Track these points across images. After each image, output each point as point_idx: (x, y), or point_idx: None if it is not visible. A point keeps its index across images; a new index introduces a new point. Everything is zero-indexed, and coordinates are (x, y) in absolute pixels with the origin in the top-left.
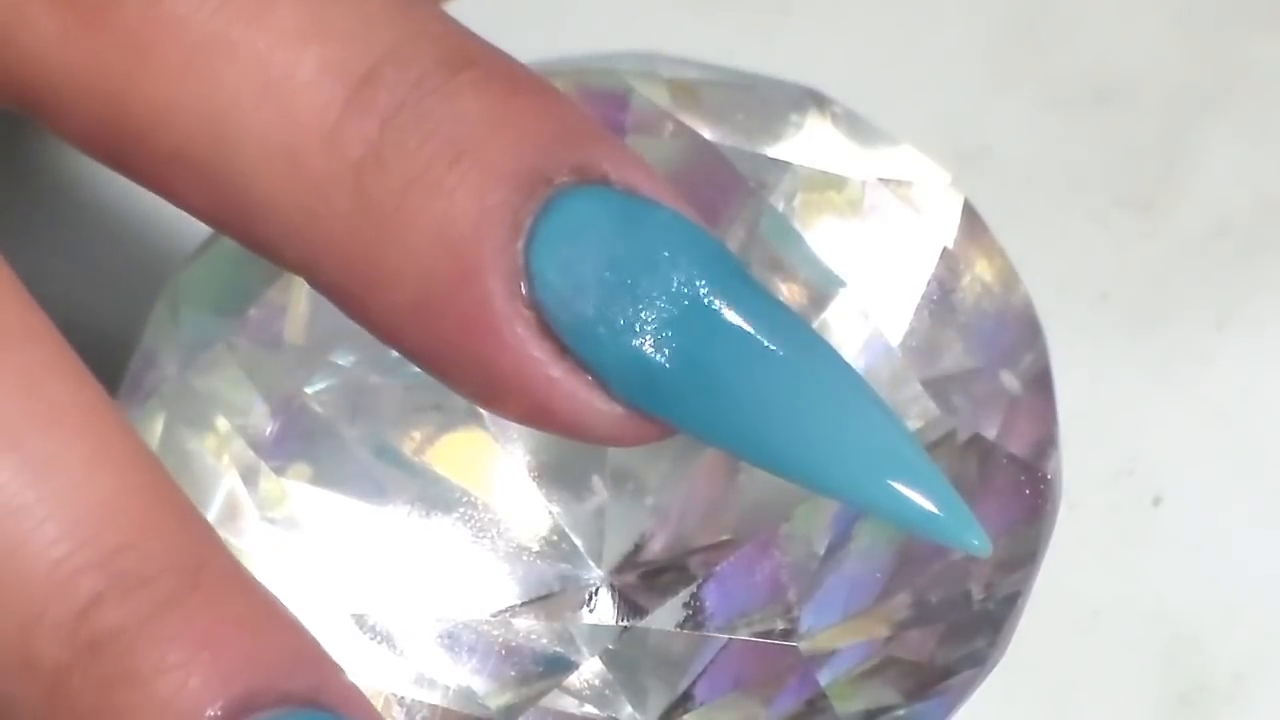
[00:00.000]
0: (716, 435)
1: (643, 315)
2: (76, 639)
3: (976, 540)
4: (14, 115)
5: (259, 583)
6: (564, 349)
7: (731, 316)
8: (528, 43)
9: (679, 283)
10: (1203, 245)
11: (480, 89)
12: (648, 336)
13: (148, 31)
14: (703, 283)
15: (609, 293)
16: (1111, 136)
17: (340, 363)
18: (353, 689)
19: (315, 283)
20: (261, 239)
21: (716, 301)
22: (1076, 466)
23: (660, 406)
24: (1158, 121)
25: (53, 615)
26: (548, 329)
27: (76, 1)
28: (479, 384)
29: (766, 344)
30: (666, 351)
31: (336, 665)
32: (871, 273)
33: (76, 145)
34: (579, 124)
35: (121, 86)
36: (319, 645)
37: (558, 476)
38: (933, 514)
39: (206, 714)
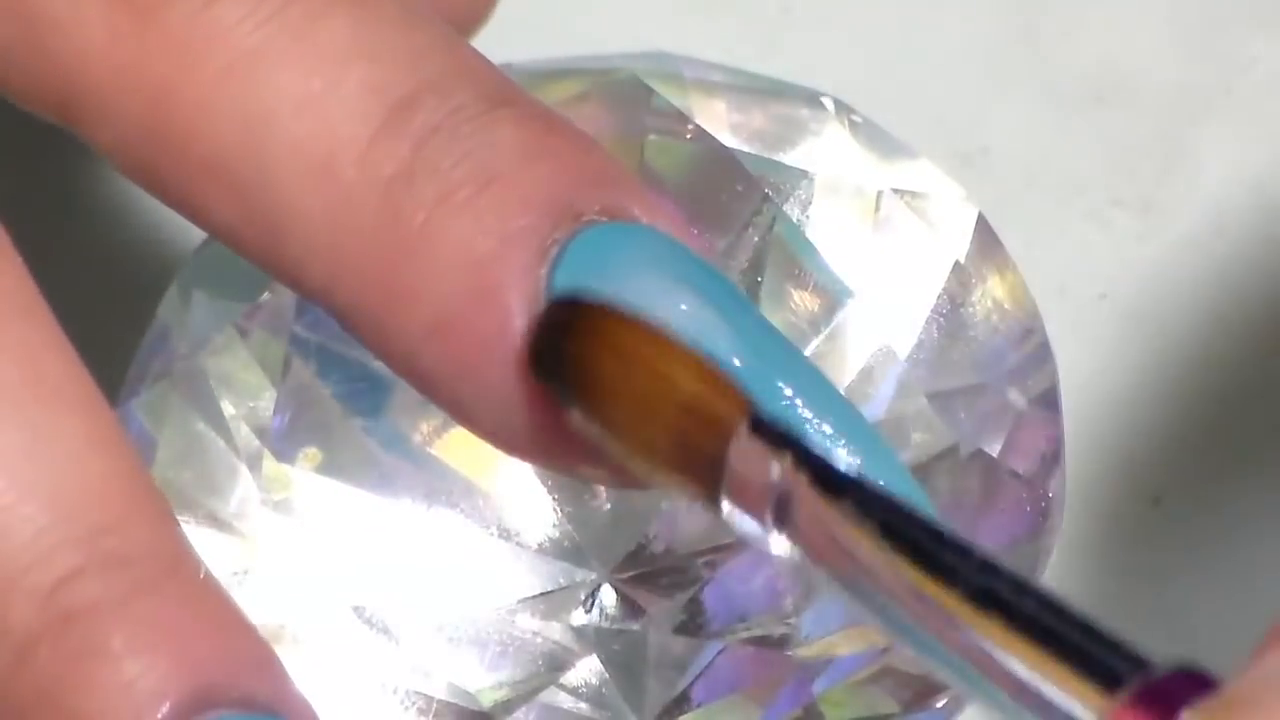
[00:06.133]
0: None
1: None
2: (50, 608)
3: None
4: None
5: (226, 589)
6: None
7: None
8: (527, 42)
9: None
10: (1203, 245)
11: (517, 123)
12: None
13: (194, 35)
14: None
15: None
16: (1111, 136)
17: (351, 353)
18: (306, 704)
19: (334, 305)
20: (286, 255)
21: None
22: (1076, 466)
23: None
24: (1158, 121)
25: (30, 581)
26: None
27: (130, 2)
28: (488, 411)
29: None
30: None
31: (290, 678)
32: (882, 284)
33: (112, 156)
34: (612, 168)
35: (163, 89)
36: (277, 656)
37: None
38: None
39: (169, 701)
